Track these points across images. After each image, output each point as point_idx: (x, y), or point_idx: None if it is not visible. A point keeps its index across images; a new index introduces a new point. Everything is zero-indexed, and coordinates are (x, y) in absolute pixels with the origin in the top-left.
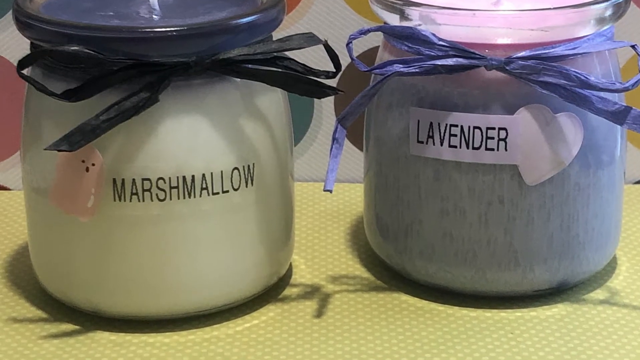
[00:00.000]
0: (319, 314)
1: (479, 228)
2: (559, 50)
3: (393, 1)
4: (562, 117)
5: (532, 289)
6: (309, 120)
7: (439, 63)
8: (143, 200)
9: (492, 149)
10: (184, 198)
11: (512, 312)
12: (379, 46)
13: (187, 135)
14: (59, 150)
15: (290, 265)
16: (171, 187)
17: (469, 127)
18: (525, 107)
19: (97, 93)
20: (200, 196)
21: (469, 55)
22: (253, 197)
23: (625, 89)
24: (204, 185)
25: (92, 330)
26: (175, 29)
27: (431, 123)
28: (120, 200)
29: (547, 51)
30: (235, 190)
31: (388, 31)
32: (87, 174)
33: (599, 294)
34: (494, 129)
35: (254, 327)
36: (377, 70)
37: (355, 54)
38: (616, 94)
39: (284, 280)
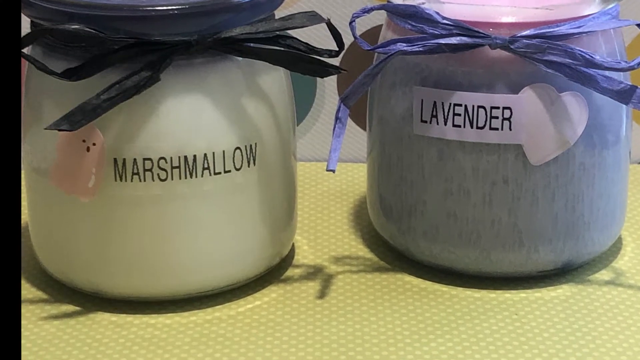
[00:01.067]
0: (322, 294)
1: (483, 208)
2: (563, 29)
3: None
4: (567, 96)
5: (537, 270)
6: (312, 99)
7: (443, 42)
8: (144, 180)
9: (497, 129)
10: (186, 178)
11: (516, 293)
12: (382, 25)
13: (188, 115)
14: (59, 130)
15: (293, 245)
16: (172, 167)
17: (473, 106)
18: (530, 86)
19: (98, 72)
20: (202, 176)
21: (473, 34)
22: (255, 177)
23: (631, 68)
24: (206, 165)
25: (93, 311)
26: (177, 7)
27: (435, 102)
28: (121, 180)
29: (551, 30)
30: (237, 170)
31: (391, 9)
32: (87, 154)
33: (604, 274)
34: (498, 108)
35: (256, 308)
36: (381, 49)
37: (358, 33)
38: (621, 73)
39: (287, 261)
